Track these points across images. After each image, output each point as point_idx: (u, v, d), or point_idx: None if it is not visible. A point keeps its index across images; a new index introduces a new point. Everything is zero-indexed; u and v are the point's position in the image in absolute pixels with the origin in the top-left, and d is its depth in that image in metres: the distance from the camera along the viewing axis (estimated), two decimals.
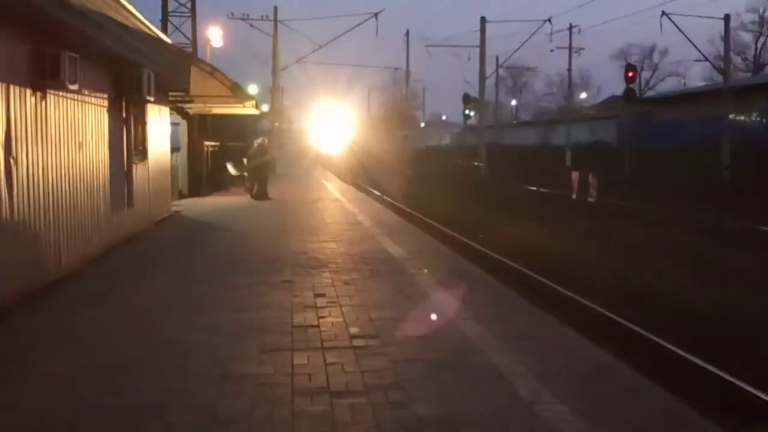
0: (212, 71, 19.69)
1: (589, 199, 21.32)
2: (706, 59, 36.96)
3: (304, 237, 12.41)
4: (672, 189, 23.80)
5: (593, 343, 6.01)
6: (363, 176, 36.26)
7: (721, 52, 35.18)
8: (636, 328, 8.54)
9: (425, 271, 9.11)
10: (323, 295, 7.65)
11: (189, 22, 31.86)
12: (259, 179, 20.64)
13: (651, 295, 10.32)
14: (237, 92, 20.29)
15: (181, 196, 19.95)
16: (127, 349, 5.70)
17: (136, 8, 11.12)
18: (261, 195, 20.29)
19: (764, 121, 30.15)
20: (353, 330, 6.24)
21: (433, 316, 6.71)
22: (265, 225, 14.59)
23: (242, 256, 10.40)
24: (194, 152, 21.30)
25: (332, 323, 6.49)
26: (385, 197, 25.98)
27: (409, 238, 12.64)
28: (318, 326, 6.38)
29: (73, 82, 8.25)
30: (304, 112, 57.35)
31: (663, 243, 15.13)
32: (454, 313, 6.80)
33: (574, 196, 21.72)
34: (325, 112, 49.02)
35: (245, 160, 20.98)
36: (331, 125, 47.77)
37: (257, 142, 21.29)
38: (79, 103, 9.26)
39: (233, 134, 28.15)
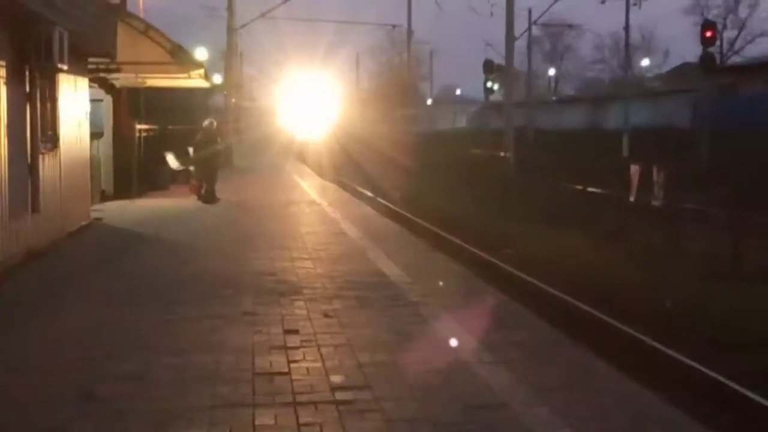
0: (146, 29, 19.74)
1: (654, 202, 21.40)
2: None
3: (271, 253, 12.40)
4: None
5: None
6: (350, 171, 36.31)
7: None
8: None
9: (431, 299, 9.11)
10: (296, 332, 7.64)
11: None
12: (206, 175, 20.67)
13: None
14: (180, 58, 20.33)
15: (104, 197, 19.97)
16: (15, 416, 5.67)
17: None
18: (210, 196, 20.32)
19: None
20: (336, 379, 6.25)
21: (443, 359, 6.71)
22: (218, 237, 14.59)
23: (187, 279, 10.39)
24: (122, 139, 21.32)
25: (308, 370, 6.49)
26: (378, 199, 26.01)
27: (411, 254, 12.64)
28: (288, 374, 6.38)
29: None
30: (272, 85, 57.47)
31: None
32: (470, 356, 6.81)
33: (632, 198, 21.77)
34: (300, 85, 49.07)
35: (191, 150, 20.99)
36: (309, 102, 47.78)
37: (205, 124, 21.34)
38: None
39: (175, 115, 28.23)
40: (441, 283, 10.21)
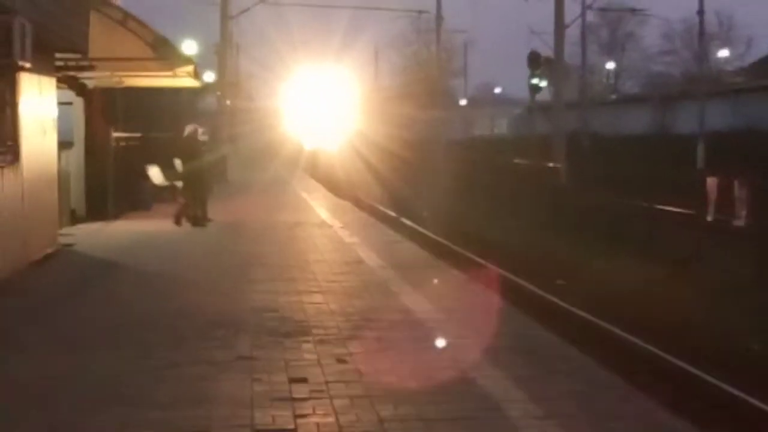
0: (124, 19, 19.86)
1: (735, 222, 21.30)
2: None
3: (273, 286, 12.40)
4: None
5: None
6: (369, 186, 36.35)
7: None
8: None
9: (467, 341, 9.07)
10: (303, 381, 7.62)
11: None
12: (193, 193, 20.59)
13: None
14: (164, 52, 20.43)
15: (75, 219, 20.07)
16: None
17: None
18: (199, 218, 20.33)
19: None
20: None
21: (480, 414, 6.66)
22: (209, 267, 14.61)
23: (171, 317, 10.40)
24: (95, 149, 21.44)
25: (318, 426, 6.47)
26: (403, 220, 26.03)
27: (442, 286, 12.61)
28: (295, 431, 6.37)
29: None
30: (277, 83, 57.69)
31: None
32: (517, 412, 6.76)
33: (709, 217, 21.70)
34: (309, 84, 49.17)
35: (178, 163, 20.97)
36: (320, 104, 47.78)
37: (186, 132, 21.27)
38: None
39: (159, 120, 28.40)
40: (477, 321, 10.16)
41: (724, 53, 73.29)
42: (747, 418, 9.25)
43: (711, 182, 22.82)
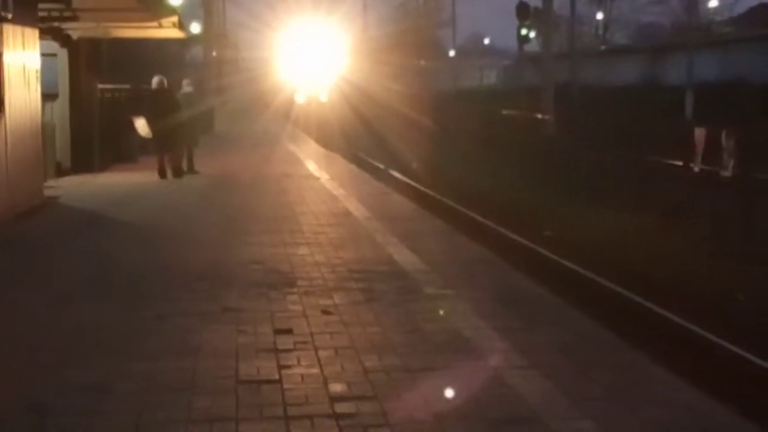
0: None
1: (723, 173, 21.36)
2: None
3: (259, 237, 12.43)
4: None
5: None
6: (358, 138, 36.27)
7: None
8: None
9: (451, 291, 9.10)
10: (288, 332, 7.65)
11: None
12: (171, 145, 20.45)
13: None
14: (148, 2, 20.28)
15: (60, 171, 20.03)
16: None
17: None
18: (176, 168, 20.27)
19: None
20: (336, 388, 6.25)
21: (466, 365, 6.70)
22: (196, 218, 14.64)
23: (158, 268, 10.44)
24: (81, 101, 21.34)
25: (302, 377, 6.49)
26: (391, 172, 26.01)
27: (430, 238, 12.63)
28: (279, 382, 6.39)
29: None
30: (266, 33, 57.28)
31: None
32: (500, 361, 6.79)
33: (697, 168, 21.75)
34: (299, 33, 48.75)
35: (140, 123, 20.81)
36: (310, 55, 47.32)
37: (154, 84, 20.99)
38: None
39: (145, 71, 28.19)
40: (466, 274, 10.19)
41: (713, 3, 72.95)
42: (734, 369, 9.31)
43: (699, 133, 22.81)
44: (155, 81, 20.84)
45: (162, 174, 20.19)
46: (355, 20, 50.83)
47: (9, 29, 13.59)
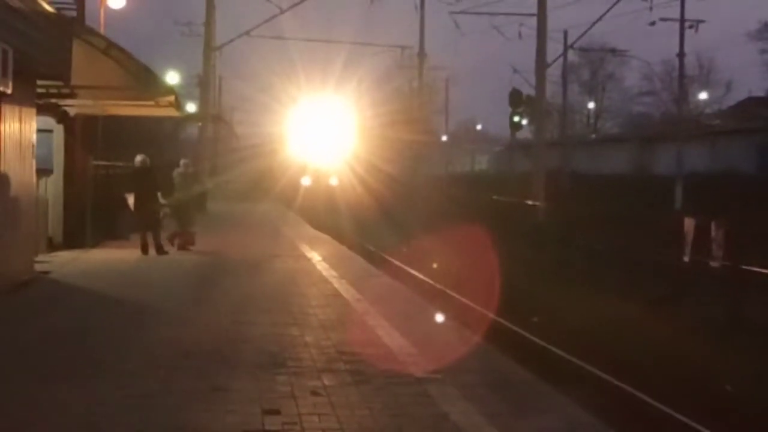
0: (107, 48, 19.91)
1: (712, 263, 21.39)
2: None
3: (255, 317, 12.41)
4: None
5: None
6: (346, 220, 36.27)
7: None
8: None
9: (441, 376, 9.08)
10: (276, 413, 7.63)
11: None
12: (149, 224, 20.60)
13: None
14: (146, 81, 20.49)
15: (52, 246, 20.00)
16: None
17: None
18: (159, 247, 20.36)
19: None
20: None
21: None
22: (186, 297, 14.66)
23: (148, 346, 10.41)
24: (75, 177, 21.41)
25: None
26: (380, 253, 26.04)
27: (418, 320, 12.62)
28: None
29: None
30: (259, 115, 57.65)
31: None
32: None
33: (686, 258, 21.78)
34: (294, 117, 48.88)
35: (129, 198, 20.93)
36: (303, 137, 47.01)
37: (137, 162, 21.09)
38: None
39: (140, 149, 28.34)
40: (455, 358, 10.17)
41: (703, 96, 73.90)
42: None
43: (688, 223, 22.90)
44: (138, 159, 21.01)
45: (144, 250, 20.26)
46: (353, 103, 50.80)
47: (6, 104, 13.69)
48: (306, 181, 44.59)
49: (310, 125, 45.75)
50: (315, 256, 20.91)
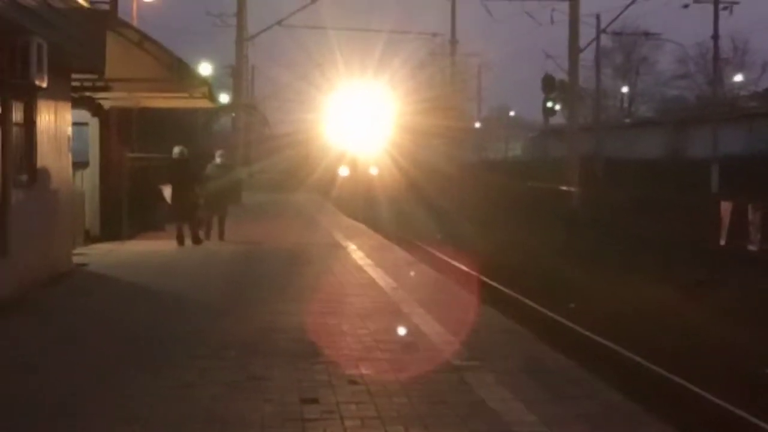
0: (141, 41, 19.95)
1: (749, 247, 21.25)
2: None
3: (291, 307, 12.44)
4: None
5: None
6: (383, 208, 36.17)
7: None
8: None
9: (479, 363, 9.08)
10: (314, 401, 7.65)
11: None
12: (187, 214, 20.66)
13: None
14: (179, 73, 20.54)
15: (89, 238, 20.12)
16: None
17: None
18: (196, 237, 20.44)
19: None
20: None
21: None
22: (223, 287, 14.69)
23: (184, 337, 10.48)
24: (110, 169, 21.52)
25: None
26: (415, 242, 26.03)
27: (454, 309, 12.61)
28: None
29: None
30: (294, 105, 57.61)
31: None
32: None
33: (722, 242, 21.65)
34: (329, 107, 48.75)
35: (166, 191, 21.00)
36: (337, 127, 46.68)
37: (175, 153, 21.18)
38: None
39: (175, 140, 28.46)
40: (493, 347, 10.16)
41: (738, 78, 73.17)
42: None
43: (725, 207, 22.75)
44: (176, 151, 21.07)
45: (180, 241, 20.35)
46: (390, 89, 50.44)
47: (43, 98, 13.78)
48: (344, 171, 44.23)
49: (348, 113, 45.42)
50: (351, 245, 20.92)
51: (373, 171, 43.65)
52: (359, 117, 45.07)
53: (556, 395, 7.98)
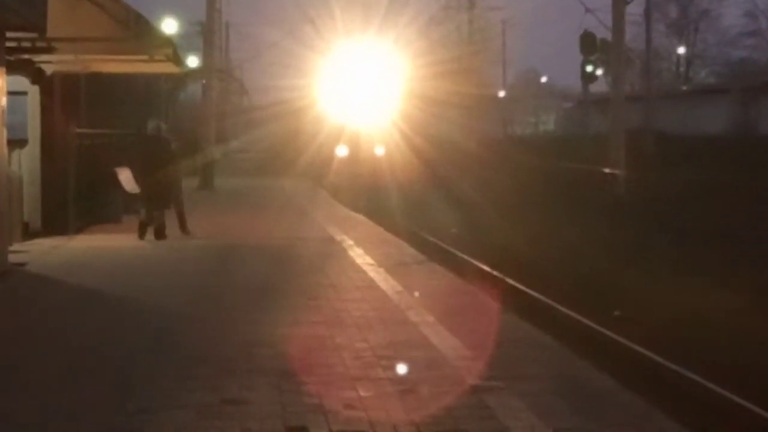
0: None
1: None
2: None
3: (269, 316, 12.46)
4: None
5: None
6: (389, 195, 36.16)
7: None
8: None
9: (502, 383, 9.10)
10: (303, 430, 7.68)
11: None
12: (160, 202, 20.68)
13: None
14: (138, 32, 20.54)
15: (28, 233, 20.12)
16: None
17: None
18: (161, 230, 20.47)
19: None
20: None
21: None
22: (194, 289, 14.70)
23: (148, 353, 10.48)
24: (54, 148, 21.50)
25: None
26: (428, 237, 26.06)
27: (473, 317, 12.62)
28: None
29: None
30: (275, 69, 57.47)
31: None
32: None
33: None
34: (320, 72, 48.60)
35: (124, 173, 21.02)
36: (356, 91, 45.89)
37: (150, 129, 21.24)
38: None
39: (132, 113, 28.50)
40: (517, 361, 10.18)
41: None
42: None
43: None
44: (151, 126, 21.12)
45: (141, 234, 20.33)
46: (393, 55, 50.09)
47: None
48: (342, 151, 43.82)
49: (346, 79, 44.99)
50: (347, 241, 20.96)
51: (379, 151, 43.43)
52: (360, 84, 44.90)
53: (596, 422, 8.01)
